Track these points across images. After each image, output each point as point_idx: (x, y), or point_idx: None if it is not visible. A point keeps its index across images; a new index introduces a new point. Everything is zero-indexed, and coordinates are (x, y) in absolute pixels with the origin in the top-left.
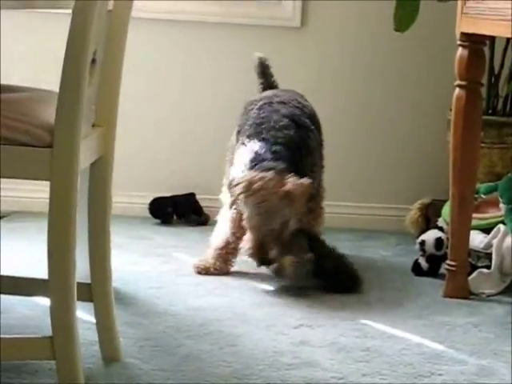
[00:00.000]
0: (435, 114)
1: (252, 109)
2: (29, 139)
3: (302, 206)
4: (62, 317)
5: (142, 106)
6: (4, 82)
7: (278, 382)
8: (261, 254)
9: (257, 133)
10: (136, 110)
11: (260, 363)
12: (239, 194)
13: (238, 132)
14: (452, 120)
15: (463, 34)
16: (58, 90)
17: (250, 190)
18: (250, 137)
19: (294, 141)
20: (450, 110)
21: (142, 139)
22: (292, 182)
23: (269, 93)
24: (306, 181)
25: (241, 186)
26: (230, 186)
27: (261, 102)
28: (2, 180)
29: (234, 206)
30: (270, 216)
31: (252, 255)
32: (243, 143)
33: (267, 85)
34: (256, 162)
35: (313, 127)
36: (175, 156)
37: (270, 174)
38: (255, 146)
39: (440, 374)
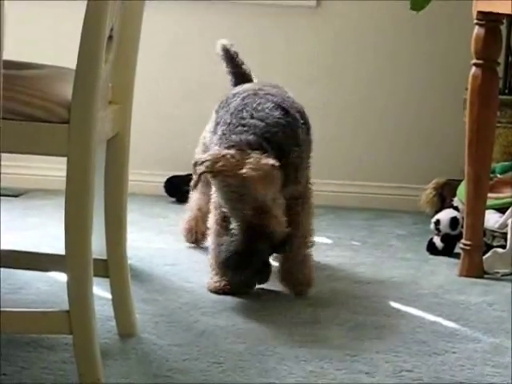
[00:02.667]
0: (451, 92)
1: (235, 100)
2: (46, 115)
3: (271, 188)
4: (78, 291)
5: (158, 84)
6: (20, 59)
7: (291, 358)
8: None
9: (237, 117)
10: (151, 88)
11: (274, 340)
12: (202, 173)
13: (217, 124)
14: (468, 99)
15: (480, 13)
16: (74, 68)
17: (213, 169)
18: (229, 124)
19: (278, 121)
20: (466, 89)
21: (158, 117)
22: (252, 162)
23: (253, 85)
24: (269, 161)
25: (204, 164)
26: (194, 165)
27: (244, 94)
28: (22, 158)
29: (195, 188)
30: (239, 200)
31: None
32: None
33: (239, 73)
34: (225, 136)
35: (302, 122)
36: (191, 134)
37: (231, 152)
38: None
39: (454, 352)
